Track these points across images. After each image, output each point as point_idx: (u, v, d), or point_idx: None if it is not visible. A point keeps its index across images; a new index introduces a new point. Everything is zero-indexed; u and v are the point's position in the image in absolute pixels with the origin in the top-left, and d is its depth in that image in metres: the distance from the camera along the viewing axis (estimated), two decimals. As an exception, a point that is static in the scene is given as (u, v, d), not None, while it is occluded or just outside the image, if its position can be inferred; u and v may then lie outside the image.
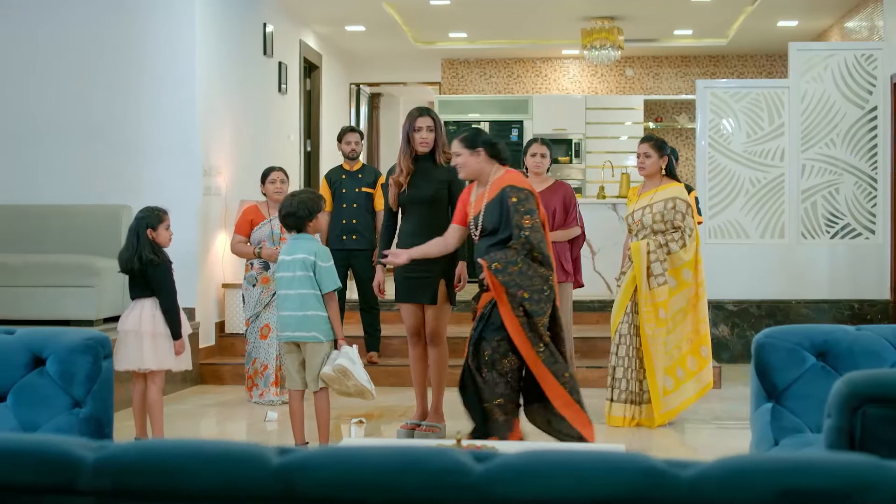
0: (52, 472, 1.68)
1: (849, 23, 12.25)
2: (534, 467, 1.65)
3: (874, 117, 10.59)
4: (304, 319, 6.08)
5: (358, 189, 9.19)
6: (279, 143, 11.92)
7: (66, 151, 9.34)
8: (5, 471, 1.68)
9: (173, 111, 9.35)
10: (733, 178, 10.68)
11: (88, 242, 9.03)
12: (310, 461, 1.66)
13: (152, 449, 1.71)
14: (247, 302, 8.31)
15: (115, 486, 1.66)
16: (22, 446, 1.70)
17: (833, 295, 10.64)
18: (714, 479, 1.62)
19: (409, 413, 7.90)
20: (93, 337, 4.06)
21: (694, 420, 7.78)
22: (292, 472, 1.66)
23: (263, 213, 8.36)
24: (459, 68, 15.78)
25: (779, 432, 4.03)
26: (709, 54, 15.26)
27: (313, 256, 6.07)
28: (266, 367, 8.18)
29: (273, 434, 7.41)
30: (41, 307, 8.48)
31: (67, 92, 9.35)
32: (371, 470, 1.64)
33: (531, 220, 5.88)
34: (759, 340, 4.16)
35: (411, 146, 6.86)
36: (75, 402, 3.99)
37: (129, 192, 9.26)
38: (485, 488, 1.62)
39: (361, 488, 1.63)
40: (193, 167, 9.38)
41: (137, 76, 9.34)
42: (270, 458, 1.70)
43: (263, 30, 11.26)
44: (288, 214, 6.17)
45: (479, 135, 6.29)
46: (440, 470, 1.63)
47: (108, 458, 1.69)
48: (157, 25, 9.35)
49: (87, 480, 1.68)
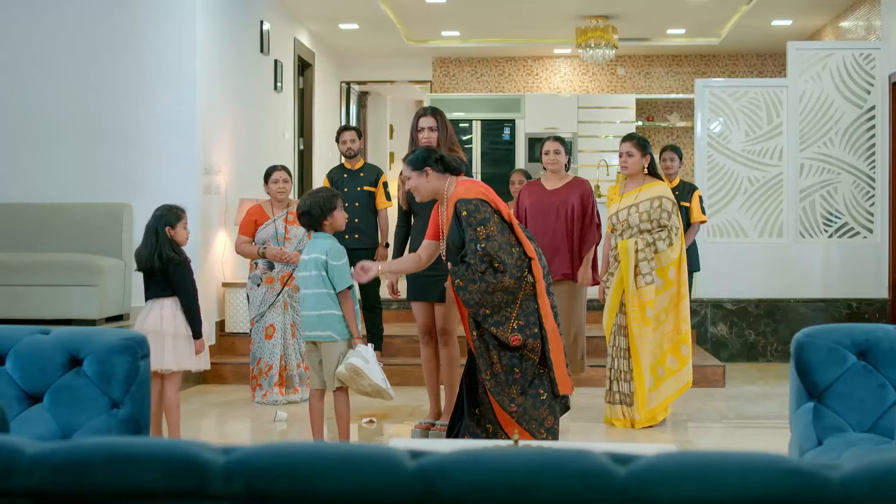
0: (181, 476, 1.63)
1: (843, 22, 12.28)
2: (678, 469, 1.61)
3: (872, 117, 10.62)
4: (320, 318, 6.03)
5: (359, 188, 9.14)
6: (275, 141, 11.87)
7: (65, 149, 9.26)
8: (133, 476, 1.64)
9: (174, 109, 9.29)
10: (732, 177, 10.69)
11: (88, 241, 8.95)
12: (448, 464, 1.63)
13: (285, 452, 1.66)
14: (251, 302, 8.24)
15: (248, 490, 1.62)
16: (150, 451, 1.65)
17: (831, 294, 10.67)
18: (863, 480, 1.60)
19: (417, 412, 7.87)
20: (131, 337, 4.01)
21: (700, 419, 7.76)
22: (431, 475, 1.62)
23: (267, 213, 8.30)
24: (450, 67, 15.75)
25: (822, 432, 4.01)
26: (700, 53, 15.28)
27: (324, 255, 6.01)
28: (271, 368, 8.13)
29: (283, 434, 7.36)
30: (43, 306, 8.39)
31: (67, 90, 9.26)
32: (512, 473, 1.60)
33: (485, 230, 5.63)
34: (800, 340, 4.14)
35: (415, 145, 6.85)
36: (113, 403, 3.93)
37: (129, 191, 9.19)
38: (631, 491, 1.59)
39: (503, 491, 1.60)
40: (193, 165, 9.32)
41: (137, 73, 9.26)
42: (405, 461, 1.66)
43: (260, 27, 11.19)
44: (302, 214, 6.12)
45: (425, 154, 6.01)
46: (583, 472, 1.59)
47: (240, 461, 1.65)
48: (158, 22, 9.28)
49: (218, 485, 1.63)
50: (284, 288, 8.20)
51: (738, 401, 8.46)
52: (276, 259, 8.13)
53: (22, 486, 1.67)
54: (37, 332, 4.07)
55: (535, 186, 7.92)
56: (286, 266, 8.20)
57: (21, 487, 1.67)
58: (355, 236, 9.06)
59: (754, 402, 8.44)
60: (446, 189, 5.94)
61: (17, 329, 4.10)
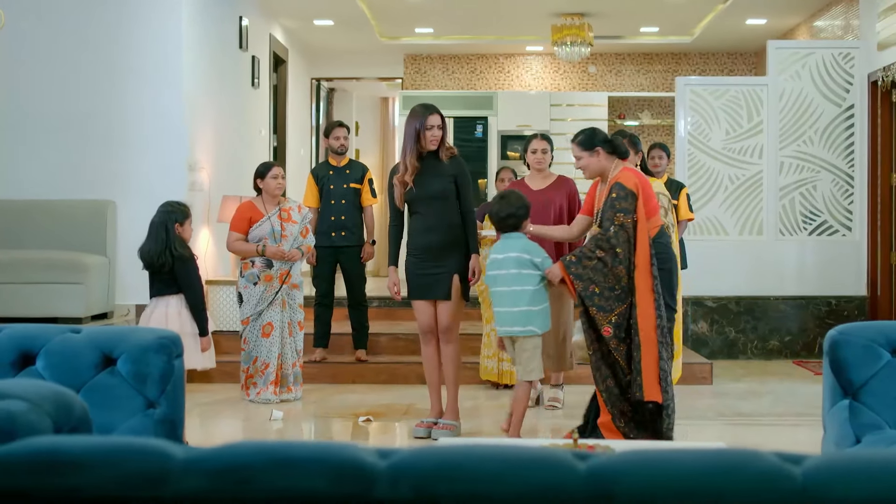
0: (347, 481, 1.58)
1: (818, 22, 12.36)
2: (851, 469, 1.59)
3: (851, 115, 10.71)
4: (522, 315, 6.26)
5: (346, 185, 9.08)
6: (252, 138, 11.78)
7: (50, 146, 9.14)
8: (296, 481, 1.59)
9: (159, 105, 9.20)
10: (712, 175, 10.73)
11: (73, 238, 8.84)
12: (621, 466, 1.59)
13: (452, 454, 1.62)
14: (246, 300, 8.12)
15: (416, 494, 1.58)
16: (312, 454, 1.60)
17: (811, 291, 10.73)
18: None
19: (412, 410, 7.84)
20: (166, 336, 3.95)
21: (695, 417, 7.77)
22: (604, 477, 1.59)
23: (261, 210, 8.19)
24: (422, 64, 15.69)
25: (859, 429, 4.01)
26: (671, 52, 15.32)
27: (527, 254, 6.24)
28: (267, 366, 8.05)
29: (279, 434, 7.29)
30: (29, 305, 8.28)
31: (52, 86, 9.15)
32: (689, 475, 1.57)
33: (622, 218, 5.93)
34: (834, 337, 4.14)
35: (420, 144, 6.79)
36: (149, 403, 3.86)
37: (114, 188, 9.10)
38: (811, 491, 1.56)
39: (682, 493, 1.57)
40: (179, 162, 9.24)
41: (123, 69, 9.17)
42: (575, 463, 1.62)
43: (239, 23, 11.10)
44: (509, 216, 6.33)
45: (594, 134, 6.28)
46: (762, 474, 1.57)
47: (405, 464, 1.61)
48: (143, 18, 9.18)
49: (384, 489, 1.59)
50: (283, 286, 8.12)
51: (729, 398, 8.48)
52: (276, 257, 8.05)
53: (174, 494, 1.62)
54: (68, 331, 3.99)
55: (520, 186, 7.87)
56: (284, 264, 8.11)
57: (174, 495, 1.62)
58: (342, 234, 9.00)
59: (745, 399, 8.47)
60: (613, 170, 6.19)
61: (48, 328, 4.03)
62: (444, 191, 6.80)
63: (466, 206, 6.87)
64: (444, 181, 6.80)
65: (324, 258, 8.97)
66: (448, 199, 6.81)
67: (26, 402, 2.26)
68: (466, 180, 6.91)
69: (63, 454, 1.66)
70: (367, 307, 9.29)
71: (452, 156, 6.93)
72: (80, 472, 1.64)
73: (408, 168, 6.78)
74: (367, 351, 9.27)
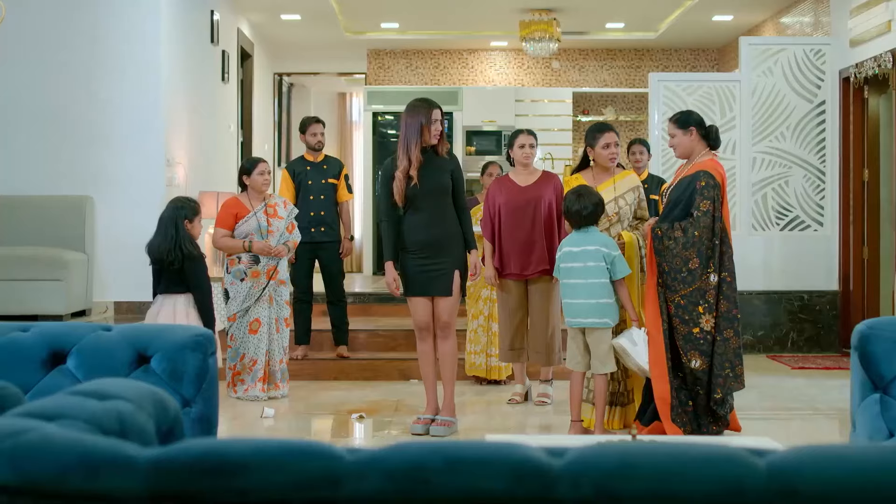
0: (527, 481, 1.55)
1: (784, 18, 12.46)
2: None
3: (823, 111, 10.80)
4: (597, 306, 6.43)
5: (324, 181, 9.02)
6: (221, 133, 11.67)
7: (27, 142, 9.00)
8: (475, 481, 1.55)
9: (136, 101, 9.09)
10: (686, 170, 10.77)
11: (51, 234, 8.72)
12: (800, 462, 1.58)
13: (629, 452, 1.59)
14: (232, 297, 8.04)
15: (598, 493, 1.55)
16: (489, 454, 1.57)
17: (783, 286, 10.82)
18: None
19: (402, 406, 7.81)
20: (201, 334, 3.89)
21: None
22: (785, 473, 1.57)
23: (247, 206, 8.10)
24: (385, 59, 15.63)
25: (892, 423, 4.03)
26: (634, 48, 15.37)
27: (605, 248, 6.44)
28: (255, 363, 7.97)
29: (271, 431, 7.22)
30: (8, 301, 8.15)
31: (29, 82, 9.02)
32: (873, 471, 1.55)
33: (708, 206, 6.27)
34: (863, 331, 4.15)
35: (423, 138, 6.72)
36: (185, 402, 3.80)
37: (91, 184, 8.97)
38: None
39: (865, 489, 1.55)
40: (157, 158, 9.13)
41: (100, 65, 9.05)
42: (754, 459, 1.60)
43: (211, 17, 11.00)
44: (591, 213, 6.47)
45: (691, 115, 6.59)
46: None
47: (583, 463, 1.58)
48: (120, 13, 9.06)
49: (565, 489, 1.56)
50: (270, 282, 8.04)
51: (713, 392, 8.49)
52: (264, 253, 7.97)
53: (350, 495, 1.57)
54: (99, 328, 3.92)
55: (506, 182, 7.75)
56: (271, 259, 8.04)
57: (349, 496, 1.57)
58: (321, 229, 8.95)
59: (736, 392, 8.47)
60: (699, 155, 6.49)
61: (79, 326, 3.96)
62: (446, 186, 6.77)
63: (462, 202, 6.85)
64: (445, 176, 6.77)
65: (302, 255, 8.89)
66: (448, 194, 6.79)
67: (132, 403, 2.22)
68: (461, 175, 6.90)
69: (229, 456, 1.61)
70: (346, 304, 9.23)
71: (448, 151, 6.91)
72: (246, 474, 1.59)
73: (412, 162, 6.70)
74: (348, 347, 9.21)
